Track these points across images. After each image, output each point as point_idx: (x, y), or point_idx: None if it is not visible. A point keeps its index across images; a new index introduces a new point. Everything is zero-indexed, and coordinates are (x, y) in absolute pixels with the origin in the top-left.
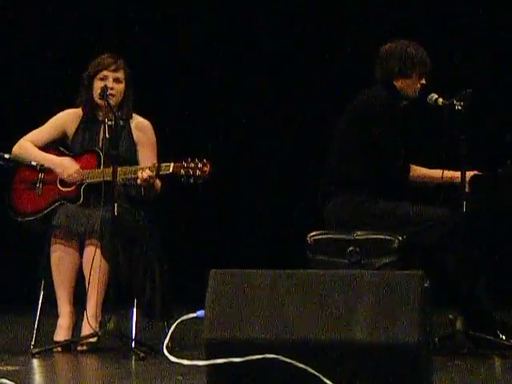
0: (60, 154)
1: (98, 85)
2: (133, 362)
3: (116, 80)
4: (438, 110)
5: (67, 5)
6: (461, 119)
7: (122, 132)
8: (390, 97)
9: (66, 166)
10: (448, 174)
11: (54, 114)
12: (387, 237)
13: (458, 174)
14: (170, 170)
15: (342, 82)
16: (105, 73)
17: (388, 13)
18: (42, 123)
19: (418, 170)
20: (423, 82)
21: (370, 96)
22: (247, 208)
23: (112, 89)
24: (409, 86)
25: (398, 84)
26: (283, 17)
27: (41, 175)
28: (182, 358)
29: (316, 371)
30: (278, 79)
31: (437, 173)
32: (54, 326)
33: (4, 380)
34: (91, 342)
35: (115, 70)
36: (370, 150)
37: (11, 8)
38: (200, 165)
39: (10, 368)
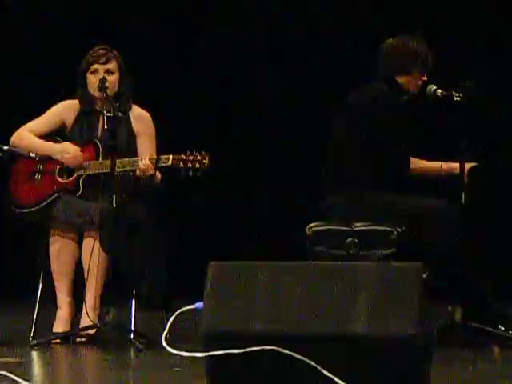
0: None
1: (90, 79)
2: (132, 353)
3: (107, 72)
4: (436, 101)
5: None
6: (460, 110)
7: (120, 123)
8: (391, 92)
9: (66, 149)
10: (446, 165)
11: (52, 104)
12: (386, 228)
13: (456, 165)
14: (169, 162)
15: (343, 76)
16: (95, 66)
17: (389, 7)
18: (40, 114)
19: (417, 163)
20: (425, 78)
21: (371, 91)
22: (247, 200)
23: None
24: (411, 82)
25: (400, 80)
26: (283, 10)
27: (39, 166)
28: (181, 349)
29: (314, 363)
30: (278, 73)
31: (436, 165)
32: (53, 317)
33: (3, 372)
34: (90, 334)
35: (106, 62)
36: (371, 146)
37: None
38: (199, 157)
39: (9, 360)
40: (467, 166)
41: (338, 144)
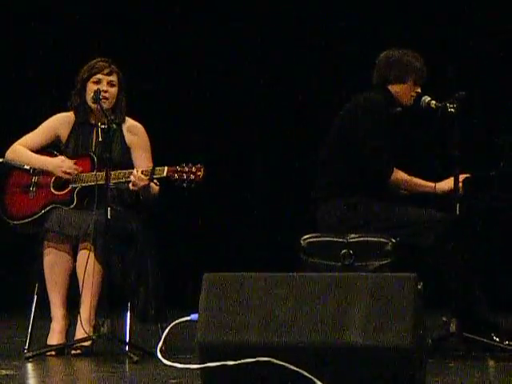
0: (54, 157)
1: (91, 88)
2: (127, 365)
3: (110, 83)
4: (431, 113)
5: (57, 8)
6: (453, 121)
7: (114, 136)
8: (381, 100)
9: (60, 163)
10: (440, 186)
11: (47, 118)
12: (381, 239)
13: (450, 183)
14: (164, 173)
15: (339, 86)
16: (99, 76)
17: (388, 17)
18: (35, 127)
19: (412, 180)
20: (418, 90)
21: (362, 100)
22: (241, 212)
23: (106, 92)
24: (403, 92)
25: (393, 89)
26: (279, 21)
27: (34, 179)
28: (176, 361)
29: (310, 374)
30: (273, 85)
31: (430, 185)
32: (47, 329)
33: None
34: (85, 346)
35: (109, 74)
36: (358, 155)
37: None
38: (194, 169)
39: (3, 372)
40: (461, 176)
41: (331, 154)
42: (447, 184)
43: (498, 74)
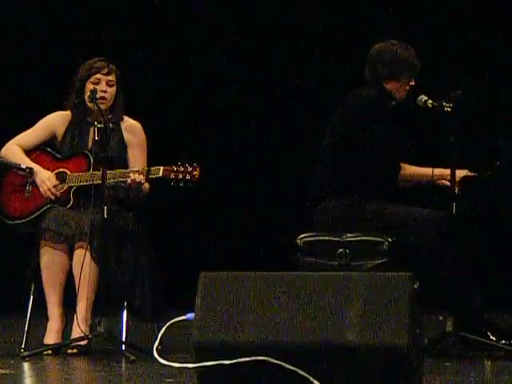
0: (49, 155)
1: (90, 88)
2: (123, 364)
3: (108, 83)
4: (427, 111)
5: (54, 7)
6: (450, 121)
7: (112, 134)
8: (379, 97)
9: (45, 181)
10: (437, 171)
11: (43, 116)
12: (377, 239)
13: (447, 171)
14: (160, 173)
15: (334, 84)
16: (98, 76)
17: (382, 11)
18: (31, 125)
19: (409, 169)
20: (412, 83)
21: (359, 97)
22: (237, 210)
23: (105, 92)
24: (398, 88)
25: (388, 86)
26: (278, 20)
27: (30, 178)
28: (172, 360)
29: (306, 373)
30: (272, 84)
31: (427, 171)
32: (44, 329)
33: None
34: (81, 345)
35: (108, 74)
36: (360, 151)
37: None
38: (190, 169)
39: (0, 371)
40: (459, 172)
41: (328, 152)
42: (445, 170)
43: (496, 73)
